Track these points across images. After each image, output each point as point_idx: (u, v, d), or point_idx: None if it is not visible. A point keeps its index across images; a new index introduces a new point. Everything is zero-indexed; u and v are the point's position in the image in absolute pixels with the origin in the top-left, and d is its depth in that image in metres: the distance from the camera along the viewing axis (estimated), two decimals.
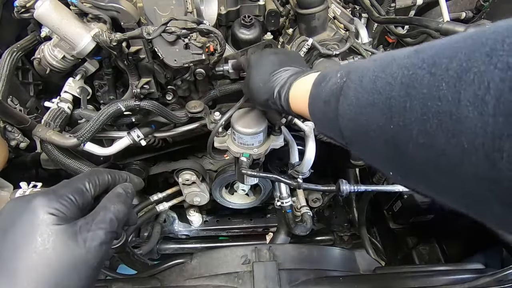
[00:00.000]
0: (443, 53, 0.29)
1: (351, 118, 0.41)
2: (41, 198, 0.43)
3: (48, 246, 0.40)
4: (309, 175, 0.90)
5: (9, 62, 0.85)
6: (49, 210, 0.42)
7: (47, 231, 0.41)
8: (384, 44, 1.28)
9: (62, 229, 0.41)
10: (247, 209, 1.47)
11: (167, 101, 0.96)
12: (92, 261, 0.42)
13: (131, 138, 0.93)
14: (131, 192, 0.52)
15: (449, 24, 0.95)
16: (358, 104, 0.39)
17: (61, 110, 0.88)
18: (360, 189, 0.91)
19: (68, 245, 0.41)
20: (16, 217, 0.42)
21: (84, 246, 0.42)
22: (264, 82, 0.66)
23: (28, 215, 0.42)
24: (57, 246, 0.40)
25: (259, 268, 0.90)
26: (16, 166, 1.04)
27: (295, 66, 0.66)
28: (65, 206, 0.44)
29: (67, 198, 0.44)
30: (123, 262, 1.14)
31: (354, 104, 0.40)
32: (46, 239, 0.40)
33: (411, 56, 0.34)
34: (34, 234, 0.40)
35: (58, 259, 0.40)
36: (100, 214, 0.46)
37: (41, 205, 0.42)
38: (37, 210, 0.42)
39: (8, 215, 0.43)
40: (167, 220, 1.53)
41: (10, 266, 0.39)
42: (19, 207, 0.43)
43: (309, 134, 0.85)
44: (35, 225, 0.41)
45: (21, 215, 0.42)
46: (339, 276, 0.92)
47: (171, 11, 0.69)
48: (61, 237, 0.41)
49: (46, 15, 0.69)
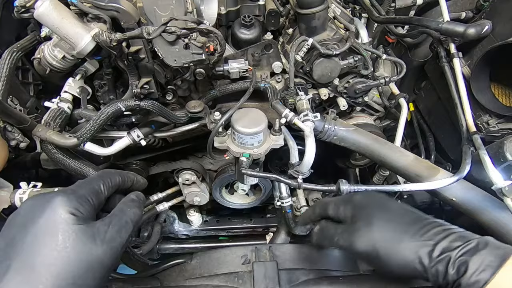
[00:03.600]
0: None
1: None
2: (62, 197, 0.44)
3: (68, 244, 0.42)
4: (309, 175, 0.90)
5: (9, 62, 0.85)
6: (70, 210, 0.44)
7: (68, 230, 0.42)
8: (384, 44, 1.28)
9: (82, 229, 0.43)
10: (247, 209, 1.47)
11: (167, 101, 0.96)
12: (107, 261, 0.44)
13: (131, 138, 0.93)
14: (142, 199, 0.55)
15: (449, 24, 0.95)
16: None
17: (61, 110, 0.88)
18: (360, 189, 0.90)
19: (86, 245, 0.42)
20: (36, 214, 0.43)
21: (101, 247, 0.43)
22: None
23: (49, 213, 0.43)
24: (77, 245, 0.42)
25: (259, 268, 0.90)
26: (16, 166, 1.04)
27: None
28: (84, 206, 0.45)
29: (85, 199, 0.46)
30: (123, 262, 1.14)
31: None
32: (67, 238, 0.42)
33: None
34: (56, 232, 0.42)
35: (76, 257, 0.41)
36: (117, 217, 0.48)
37: (62, 205, 0.44)
38: (58, 209, 0.43)
39: (28, 212, 0.44)
40: (167, 220, 1.53)
41: (30, 261, 0.40)
42: (39, 205, 0.44)
43: (309, 134, 0.85)
44: (57, 223, 0.42)
45: (42, 213, 0.43)
46: (339, 276, 0.92)
47: (171, 11, 0.69)
48: (80, 237, 0.42)
49: (46, 15, 0.69)
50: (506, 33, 0.91)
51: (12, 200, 0.90)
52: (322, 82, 0.99)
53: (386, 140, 0.96)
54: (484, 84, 0.97)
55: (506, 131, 0.95)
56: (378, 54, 1.02)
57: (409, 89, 1.35)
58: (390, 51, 1.27)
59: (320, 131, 0.92)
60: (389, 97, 1.23)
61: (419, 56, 1.24)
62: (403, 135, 1.06)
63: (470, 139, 0.90)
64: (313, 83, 1.02)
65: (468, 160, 0.85)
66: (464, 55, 1.01)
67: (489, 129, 0.95)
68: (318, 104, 1.09)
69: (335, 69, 0.96)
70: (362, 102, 1.07)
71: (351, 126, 0.96)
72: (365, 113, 1.25)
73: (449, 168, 1.17)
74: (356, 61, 0.96)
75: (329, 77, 0.98)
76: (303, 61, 0.95)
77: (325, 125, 0.91)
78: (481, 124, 0.97)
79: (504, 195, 0.75)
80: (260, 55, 0.97)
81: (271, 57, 0.99)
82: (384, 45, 1.28)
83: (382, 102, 1.21)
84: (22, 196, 0.91)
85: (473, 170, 0.84)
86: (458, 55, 0.99)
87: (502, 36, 0.92)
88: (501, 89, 0.98)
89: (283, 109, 0.87)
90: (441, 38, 1.02)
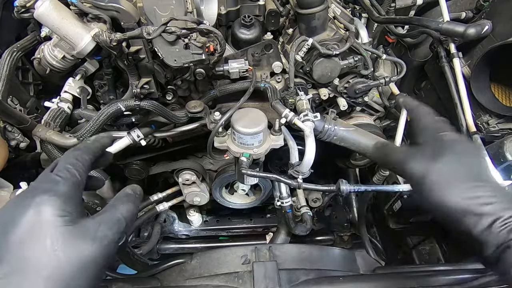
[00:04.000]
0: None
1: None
2: (45, 198, 0.42)
3: (57, 247, 0.40)
4: (309, 175, 0.90)
5: (9, 62, 0.85)
6: (56, 213, 0.41)
7: (56, 233, 0.40)
8: (384, 44, 1.28)
9: (71, 230, 0.41)
10: (247, 209, 1.47)
11: (167, 101, 0.96)
12: (100, 260, 0.42)
13: (131, 138, 0.93)
14: (139, 193, 0.51)
15: (449, 24, 0.95)
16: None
17: (61, 110, 0.89)
18: (360, 189, 0.91)
19: (77, 246, 0.41)
20: (17, 215, 0.41)
21: (92, 246, 0.41)
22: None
23: (33, 216, 0.41)
24: (66, 247, 0.40)
25: (259, 268, 0.90)
26: (16, 166, 1.04)
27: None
28: (69, 205, 0.43)
29: (68, 196, 0.43)
30: (123, 262, 1.14)
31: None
32: (55, 241, 0.40)
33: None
34: (43, 236, 0.40)
35: (67, 260, 0.40)
36: (108, 214, 0.45)
37: (45, 207, 0.41)
38: (42, 211, 0.41)
39: (9, 212, 0.42)
40: (167, 220, 1.53)
41: (20, 266, 0.39)
42: (20, 206, 0.42)
43: (309, 134, 0.85)
44: (43, 226, 0.41)
45: (24, 215, 0.41)
46: (339, 276, 0.92)
47: (171, 11, 0.69)
48: (70, 238, 0.41)
49: (46, 15, 0.69)
50: (506, 33, 0.91)
51: None
52: (322, 82, 0.99)
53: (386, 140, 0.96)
54: (484, 84, 0.97)
55: (506, 131, 0.95)
56: (378, 54, 1.02)
57: (409, 89, 1.35)
58: (390, 51, 1.27)
59: (320, 131, 0.92)
60: (389, 97, 1.23)
61: (419, 56, 1.24)
62: (403, 135, 1.06)
63: (470, 139, 0.90)
64: (313, 83, 1.02)
65: None
66: (464, 55, 1.01)
67: (489, 129, 0.96)
68: (318, 104, 1.09)
69: (335, 69, 0.96)
70: (362, 102, 1.07)
71: (351, 126, 0.96)
72: (365, 113, 1.25)
73: None
74: (356, 61, 0.96)
75: (329, 77, 0.98)
76: (303, 61, 0.95)
77: (325, 125, 0.91)
78: (481, 124, 0.97)
79: None
80: (260, 55, 0.97)
81: (271, 57, 0.99)
82: (384, 45, 1.28)
83: (382, 102, 1.21)
84: None
85: None
86: (458, 55, 0.99)
87: (502, 36, 0.92)
88: (501, 89, 0.98)
89: (283, 109, 0.88)
90: (441, 38, 1.02)
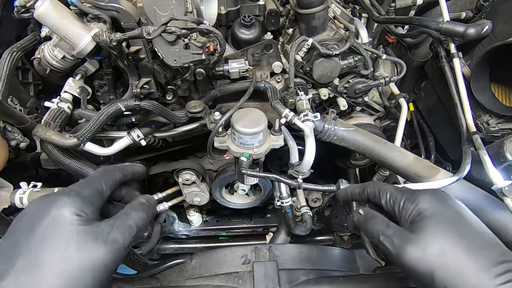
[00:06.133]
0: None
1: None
2: (67, 199, 0.45)
3: (71, 244, 0.42)
4: (309, 175, 0.90)
5: (9, 62, 0.85)
6: (75, 211, 0.44)
7: (72, 230, 0.43)
8: (384, 44, 1.28)
9: (85, 230, 0.44)
10: (247, 209, 1.47)
11: (167, 101, 0.96)
12: (109, 263, 0.44)
13: (131, 138, 0.93)
14: (152, 203, 0.54)
15: (449, 24, 0.95)
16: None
17: (61, 110, 0.89)
18: None
19: (89, 246, 0.43)
20: (41, 216, 0.44)
21: (103, 247, 0.44)
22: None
23: (55, 215, 0.44)
24: (79, 246, 0.43)
25: (259, 268, 0.90)
26: (16, 166, 1.04)
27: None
28: (88, 207, 0.46)
29: (89, 200, 0.47)
30: (123, 262, 1.14)
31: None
32: (70, 238, 0.43)
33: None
34: (59, 233, 0.43)
35: (78, 258, 0.42)
36: (121, 219, 0.48)
37: (67, 206, 0.45)
38: (63, 211, 0.44)
39: (33, 213, 0.45)
40: (167, 220, 1.53)
41: (36, 260, 0.41)
42: (44, 207, 0.45)
43: (309, 134, 0.85)
44: (62, 224, 0.43)
45: (47, 215, 0.44)
46: (339, 276, 0.92)
47: (171, 11, 0.69)
48: (83, 238, 0.43)
49: (46, 15, 0.69)
50: (506, 33, 0.91)
51: (12, 200, 0.91)
52: (322, 82, 0.99)
53: (386, 140, 0.96)
54: (484, 84, 0.97)
55: (506, 131, 0.95)
56: (378, 54, 1.02)
57: (409, 89, 1.35)
58: (390, 51, 1.27)
59: (320, 131, 0.92)
60: (389, 97, 1.23)
61: (419, 56, 1.24)
62: (403, 135, 1.06)
63: (470, 139, 0.90)
64: (313, 83, 1.02)
65: (468, 160, 0.85)
66: (464, 55, 1.01)
67: (489, 129, 0.95)
68: (318, 104, 1.09)
69: (335, 69, 0.96)
70: (362, 102, 1.07)
71: (351, 126, 0.96)
72: (365, 113, 1.25)
73: (449, 168, 1.17)
74: (356, 61, 0.96)
75: (329, 77, 0.98)
76: (303, 61, 0.95)
77: (325, 125, 0.91)
78: (481, 124, 0.97)
79: (504, 195, 0.75)
80: (260, 55, 0.97)
81: (271, 57, 0.99)
82: (384, 45, 1.28)
83: (382, 102, 1.21)
84: (22, 196, 0.91)
85: (473, 170, 0.84)
86: (458, 55, 0.99)
87: (502, 36, 0.92)
88: (501, 89, 0.98)
89: (283, 109, 0.88)
90: (441, 38, 1.02)
